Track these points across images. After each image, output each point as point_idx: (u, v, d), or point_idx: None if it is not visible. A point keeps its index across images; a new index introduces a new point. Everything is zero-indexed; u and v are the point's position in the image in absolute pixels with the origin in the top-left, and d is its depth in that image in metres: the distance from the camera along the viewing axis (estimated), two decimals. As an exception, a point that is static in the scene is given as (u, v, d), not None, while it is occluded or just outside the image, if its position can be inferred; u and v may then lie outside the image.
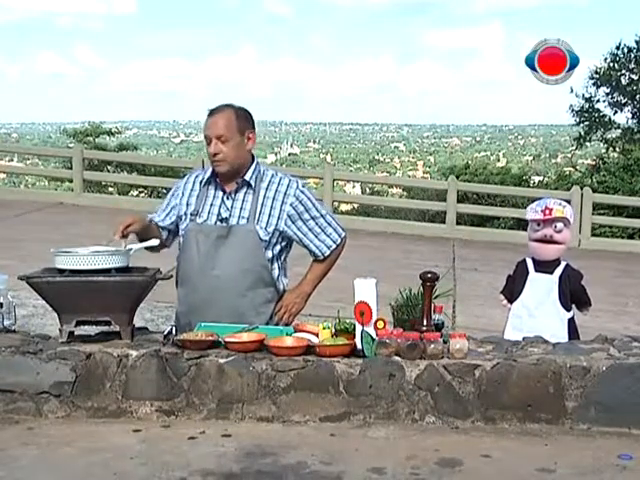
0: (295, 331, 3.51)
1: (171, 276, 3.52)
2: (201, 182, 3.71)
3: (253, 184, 3.63)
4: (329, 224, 3.73)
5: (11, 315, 3.63)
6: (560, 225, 3.99)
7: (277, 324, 3.66)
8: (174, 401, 3.26)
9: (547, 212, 3.99)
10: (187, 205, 3.69)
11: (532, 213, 4.06)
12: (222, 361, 3.25)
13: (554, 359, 3.23)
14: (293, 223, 3.65)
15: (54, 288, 3.34)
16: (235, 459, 2.89)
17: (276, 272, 3.67)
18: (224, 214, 3.61)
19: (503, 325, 4.21)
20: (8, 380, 3.28)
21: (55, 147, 27.86)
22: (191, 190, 3.72)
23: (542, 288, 4.00)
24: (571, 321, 3.99)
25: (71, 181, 16.67)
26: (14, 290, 3.72)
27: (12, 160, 27.32)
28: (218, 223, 3.61)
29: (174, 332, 3.42)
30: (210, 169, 3.68)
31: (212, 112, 3.62)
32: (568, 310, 3.97)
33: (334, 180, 15.91)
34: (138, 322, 3.59)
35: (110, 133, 26.70)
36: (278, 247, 3.67)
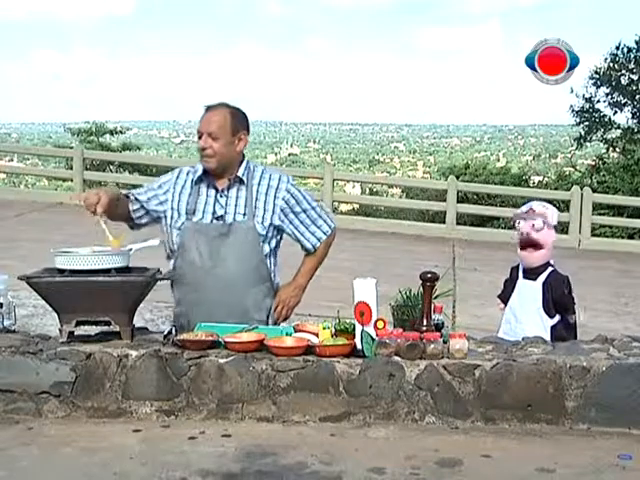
0: (295, 331, 3.51)
1: (171, 276, 3.52)
2: (192, 180, 3.69)
3: (245, 180, 3.64)
4: (320, 216, 3.75)
5: (11, 315, 3.64)
6: (539, 223, 3.97)
7: (277, 319, 3.68)
8: (174, 401, 3.26)
9: (530, 212, 4.06)
10: (179, 202, 3.66)
11: (516, 215, 4.15)
12: (222, 361, 3.25)
13: (554, 359, 3.23)
14: (286, 217, 3.66)
15: (54, 288, 3.34)
16: (235, 459, 2.89)
17: (272, 267, 3.68)
18: (219, 212, 3.61)
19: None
20: (8, 380, 3.28)
21: (56, 147, 27.86)
22: (182, 187, 3.69)
23: (527, 295, 4.01)
24: (554, 328, 3.96)
25: (71, 181, 16.68)
26: (14, 290, 3.72)
27: (12, 160, 27.30)
28: (214, 221, 3.60)
29: (174, 332, 3.42)
30: (201, 168, 3.66)
31: (209, 108, 3.63)
32: (551, 317, 3.96)
33: (334, 180, 15.92)
34: (138, 322, 3.59)
35: (114, 132, 26.74)
36: (274, 241, 3.68)
